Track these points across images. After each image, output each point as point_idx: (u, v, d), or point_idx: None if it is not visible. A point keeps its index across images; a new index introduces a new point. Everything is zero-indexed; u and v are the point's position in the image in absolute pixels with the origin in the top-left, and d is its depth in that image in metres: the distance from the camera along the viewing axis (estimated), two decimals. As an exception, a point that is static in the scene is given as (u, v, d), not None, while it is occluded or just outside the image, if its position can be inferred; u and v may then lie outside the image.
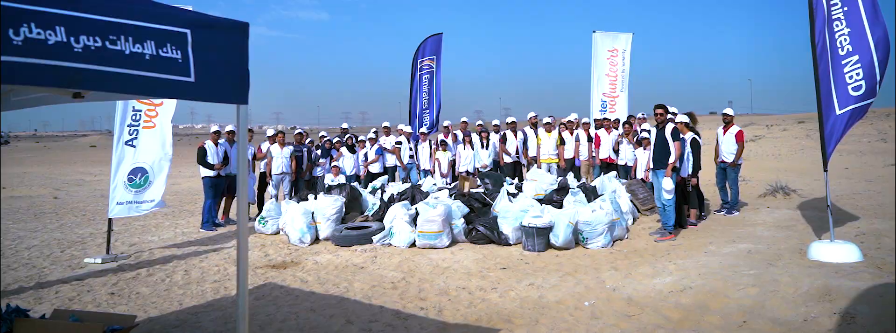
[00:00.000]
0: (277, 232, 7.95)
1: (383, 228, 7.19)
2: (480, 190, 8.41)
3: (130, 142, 7.30)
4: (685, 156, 7.42)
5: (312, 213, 7.46)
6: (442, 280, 5.41)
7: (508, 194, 7.60)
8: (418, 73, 12.63)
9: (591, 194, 8.03)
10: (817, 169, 14.56)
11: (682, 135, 7.21)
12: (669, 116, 7.38)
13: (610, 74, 11.95)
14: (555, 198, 7.80)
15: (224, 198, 9.25)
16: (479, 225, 6.94)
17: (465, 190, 8.49)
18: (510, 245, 6.79)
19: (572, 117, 10.69)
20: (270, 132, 9.95)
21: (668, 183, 6.91)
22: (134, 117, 7.33)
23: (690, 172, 7.66)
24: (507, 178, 9.52)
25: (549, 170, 9.88)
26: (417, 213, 6.93)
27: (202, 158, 8.60)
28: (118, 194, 7.20)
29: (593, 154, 10.21)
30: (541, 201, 7.62)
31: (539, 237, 6.46)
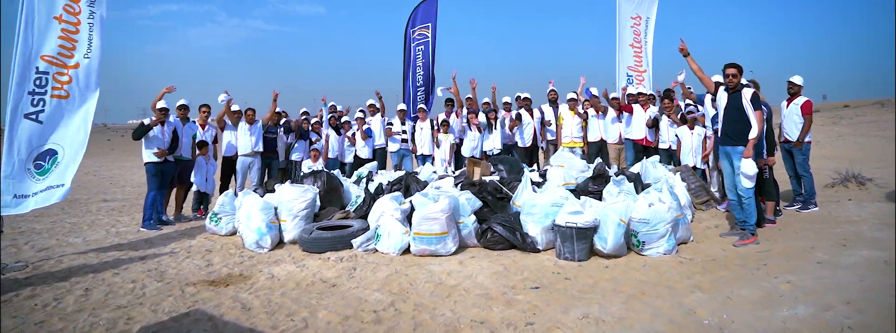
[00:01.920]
0: (234, 233, 6.20)
1: (367, 228, 5.43)
2: (495, 177, 6.61)
3: (34, 116, 5.53)
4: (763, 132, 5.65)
5: (275, 208, 5.69)
6: (448, 308, 3.66)
7: (533, 183, 5.81)
8: (411, 45, 10.73)
9: (637, 183, 6.27)
10: (873, 157, 12.87)
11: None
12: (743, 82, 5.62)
13: (634, 45, 10.20)
14: (591, 188, 6.04)
15: (174, 190, 7.48)
16: (496, 224, 5.17)
17: (476, 177, 6.68)
18: (539, 251, 5.02)
19: (594, 91, 8.92)
20: (235, 107, 8.11)
21: (749, 166, 5.14)
22: (38, 82, 5.57)
23: (767, 152, 5.93)
24: (525, 165, 7.75)
25: (572, 155, 8.09)
26: (413, 208, 5.15)
27: (141, 133, 6.75)
28: (22, 185, 5.44)
29: (626, 135, 8.44)
30: (573, 192, 5.86)
31: (580, 240, 4.70)
